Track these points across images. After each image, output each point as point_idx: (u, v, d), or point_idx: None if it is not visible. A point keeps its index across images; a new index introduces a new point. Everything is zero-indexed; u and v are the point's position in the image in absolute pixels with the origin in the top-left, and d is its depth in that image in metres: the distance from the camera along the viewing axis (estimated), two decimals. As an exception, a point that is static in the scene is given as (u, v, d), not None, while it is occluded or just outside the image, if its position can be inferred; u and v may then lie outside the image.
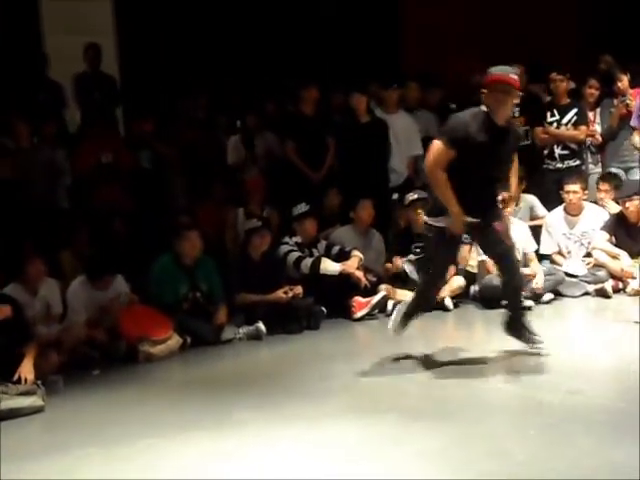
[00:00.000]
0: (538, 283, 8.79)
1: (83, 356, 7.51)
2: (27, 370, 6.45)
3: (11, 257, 7.67)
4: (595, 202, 9.80)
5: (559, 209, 9.53)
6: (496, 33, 12.00)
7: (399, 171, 10.17)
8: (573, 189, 9.38)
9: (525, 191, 9.80)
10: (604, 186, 9.73)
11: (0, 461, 5.10)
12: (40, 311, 7.61)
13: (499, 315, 8.36)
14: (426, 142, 10.38)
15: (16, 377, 6.38)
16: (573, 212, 9.45)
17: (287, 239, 9.00)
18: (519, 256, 9.04)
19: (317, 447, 5.10)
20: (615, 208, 9.45)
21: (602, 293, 8.90)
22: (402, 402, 5.88)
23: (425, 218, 6.77)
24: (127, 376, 7.18)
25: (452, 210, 6.29)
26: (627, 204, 9.16)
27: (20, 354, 6.56)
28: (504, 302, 7.03)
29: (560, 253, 9.48)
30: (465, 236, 9.19)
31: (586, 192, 9.56)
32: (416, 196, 9.12)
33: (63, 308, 7.83)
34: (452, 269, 8.85)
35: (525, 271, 9.00)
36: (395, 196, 9.94)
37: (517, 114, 10.21)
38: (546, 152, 10.10)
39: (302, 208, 9.11)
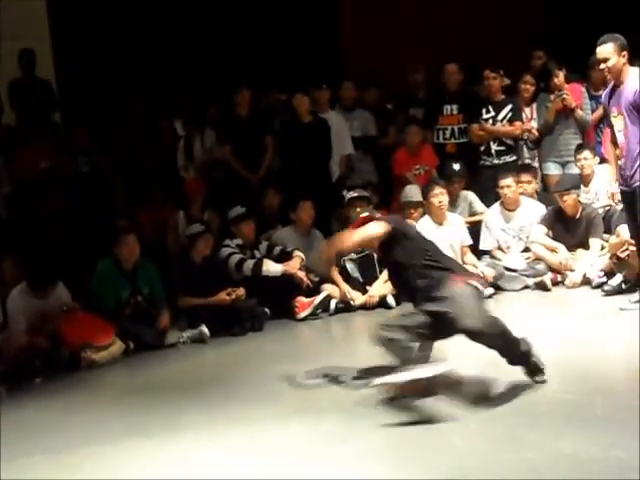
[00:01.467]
0: (484, 272, 8.88)
1: (25, 364, 7.43)
2: (-33, 382, 6.40)
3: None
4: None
5: (496, 205, 9.63)
6: (435, 31, 12.09)
7: (332, 170, 10.22)
8: (507, 183, 9.47)
9: (464, 188, 9.90)
10: (525, 177, 9.84)
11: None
12: (-20, 321, 7.54)
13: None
14: (363, 141, 10.54)
15: (-44, 389, 6.33)
16: (510, 207, 9.54)
17: (228, 241, 8.99)
18: (455, 249, 9.17)
19: (264, 449, 5.12)
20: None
21: (542, 286, 9.01)
22: (347, 401, 5.89)
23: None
24: (70, 383, 7.13)
25: None
26: (565, 197, 9.27)
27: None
28: None
29: (500, 248, 9.58)
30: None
31: (521, 185, 9.67)
32: (355, 194, 9.19)
33: (3, 317, 7.75)
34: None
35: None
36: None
37: (455, 112, 10.33)
38: (482, 148, 10.18)
39: (238, 211, 9.11)
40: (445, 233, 9.13)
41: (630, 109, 7.30)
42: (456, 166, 9.81)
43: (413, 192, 9.63)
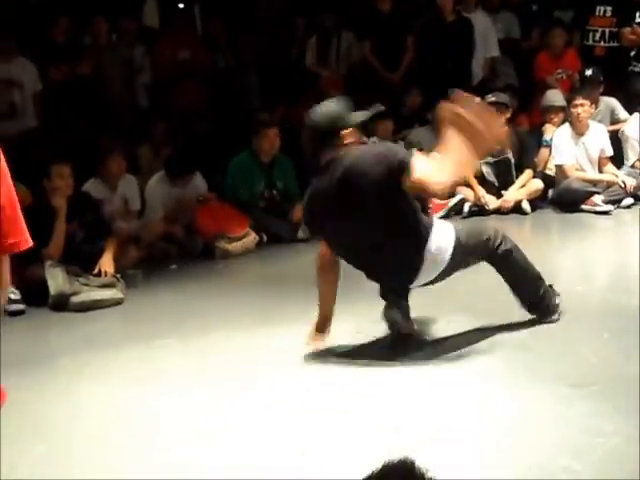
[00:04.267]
0: (625, 182, 8.69)
1: (161, 251, 7.65)
2: (107, 263, 6.59)
3: (91, 153, 7.74)
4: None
5: (638, 114, 9.30)
6: None
7: (474, 72, 10.00)
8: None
9: (606, 94, 9.58)
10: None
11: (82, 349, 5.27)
12: (119, 207, 7.71)
13: (576, 218, 8.36)
14: (507, 44, 10.28)
15: (96, 270, 6.52)
16: (655, 116, 9.23)
17: (365, 139, 8.92)
18: (593, 160, 8.93)
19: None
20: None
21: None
22: (471, 303, 5.85)
23: None
24: (204, 271, 7.28)
25: None
26: None
27: (100, 248, 6.69)
28: None
29: (640, 159, 9.28)
30: (545, 139, 9.17)
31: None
32: (493, 99, 9.00)
33: (141, 204, 7.92)
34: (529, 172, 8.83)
35: (602, 177, 8.91)
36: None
37: (609, 14, 9.97)
38: (633, 53, 9.81)
39: (377, 108, 9.00)
40: (584, 144, 8.90)
41: None
42: (588, 72, 9.47)
43: (555, 96, 9.39)
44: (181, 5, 10.66)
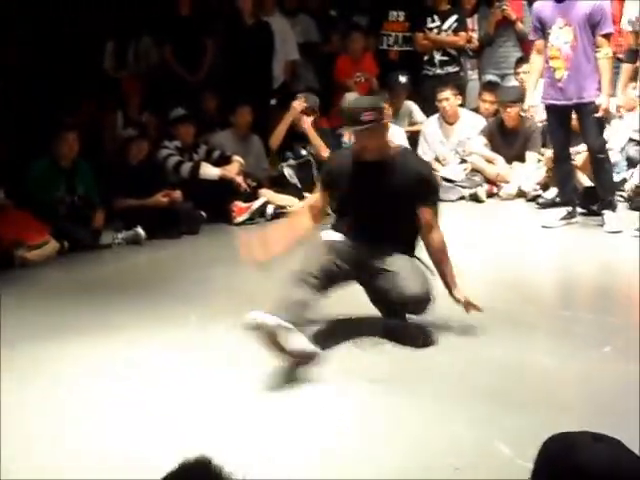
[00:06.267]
0: None
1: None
2: None
3: None
4: (475, 109, 9.94)
5: (435, 117, 9.64)
6: None
7: (275, 76, 10.10)
8: (444, 96, 9.49)
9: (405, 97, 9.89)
10: (487, 96, 9.84)
11: None
12: None
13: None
14: (306, 47, 10.43)
15: None
16: (449, 120, 9.56)
17: (167, 143, 8.90)
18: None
19: (197, 349, 5.15)
20: None
21: (475, 198, 9.10)
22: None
23: None
24: (3, 281, 7.03)
25: None
26: (509, 109, 9.27)
27: None
28: None
29: (437, 159, 9.60)
30: (345, 141, 9.37)
31: (459, 97, 9.67)
32: (305, 104, 9.15)
33: None
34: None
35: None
36: (273, 102, 9.92)
37: (402, 19, 10.28)
38: (426, 58, 10.16)
39: (178, 112, 9.01)
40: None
41: (584, 23, 7.32)
42: (403, 78, 9.77)
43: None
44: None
